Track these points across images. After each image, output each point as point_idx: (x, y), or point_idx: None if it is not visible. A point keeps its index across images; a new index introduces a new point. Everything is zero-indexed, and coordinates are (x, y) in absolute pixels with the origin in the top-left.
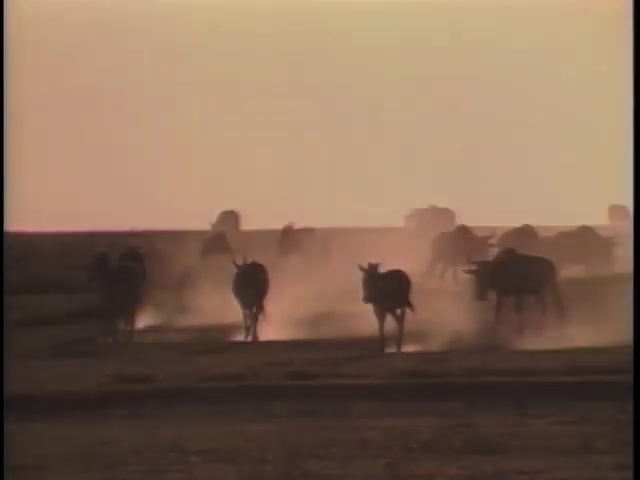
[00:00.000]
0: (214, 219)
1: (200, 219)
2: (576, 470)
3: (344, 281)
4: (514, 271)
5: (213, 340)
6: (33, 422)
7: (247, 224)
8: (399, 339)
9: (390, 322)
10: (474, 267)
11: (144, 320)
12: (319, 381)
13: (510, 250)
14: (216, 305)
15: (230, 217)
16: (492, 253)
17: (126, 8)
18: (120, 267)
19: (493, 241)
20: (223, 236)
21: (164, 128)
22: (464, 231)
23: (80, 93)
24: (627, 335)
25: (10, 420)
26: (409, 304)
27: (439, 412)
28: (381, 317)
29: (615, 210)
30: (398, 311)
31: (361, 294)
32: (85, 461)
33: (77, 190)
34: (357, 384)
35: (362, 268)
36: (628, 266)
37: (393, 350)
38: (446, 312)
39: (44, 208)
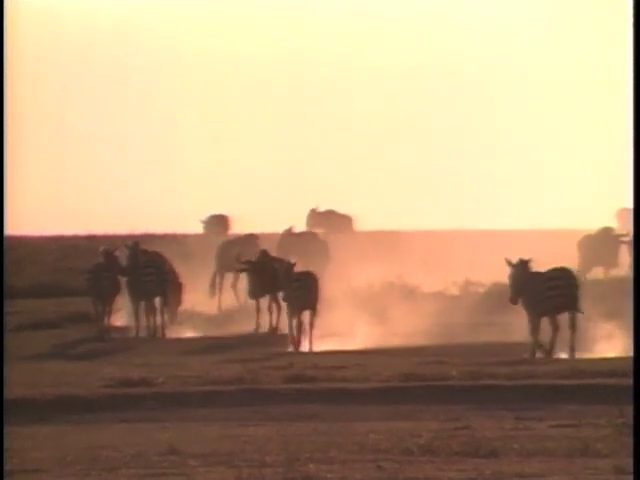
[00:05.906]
0: (204, 223)
1: (200, 222)
2: (575, 474)
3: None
4: (268, 273)
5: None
6: (32, 425)
7: (238, 228)
8: (310, 338)
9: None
10: (243, 266)
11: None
12: (318, 384)
13: (264, 252)
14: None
15: (220, 221)
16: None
17: (128, 10)
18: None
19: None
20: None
21: (164, 131)
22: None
23: (80, 96)
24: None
25: (10, 423)
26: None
27: (438, 415)
28: (291, 317)
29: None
30: (307, 313)
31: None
32: (85, 464)
33: (77, 193)
34: (356, 387)
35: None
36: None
37: (305, 350)
38: None
39: (44, 212)
